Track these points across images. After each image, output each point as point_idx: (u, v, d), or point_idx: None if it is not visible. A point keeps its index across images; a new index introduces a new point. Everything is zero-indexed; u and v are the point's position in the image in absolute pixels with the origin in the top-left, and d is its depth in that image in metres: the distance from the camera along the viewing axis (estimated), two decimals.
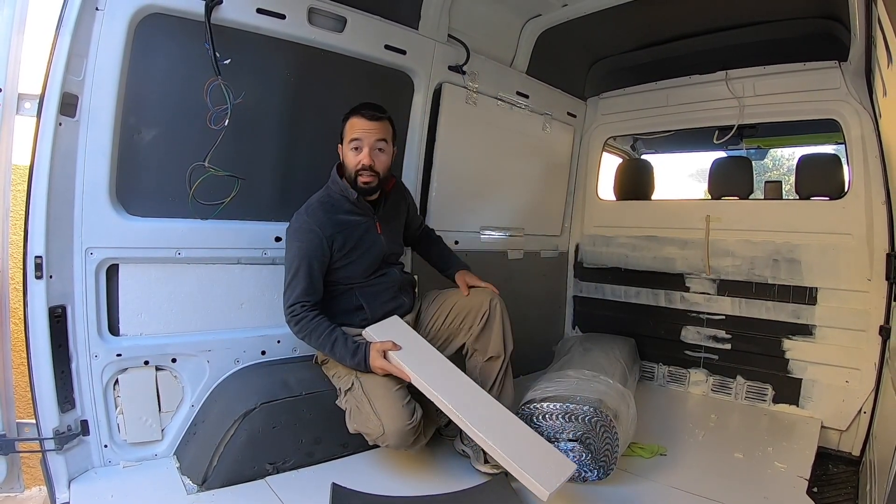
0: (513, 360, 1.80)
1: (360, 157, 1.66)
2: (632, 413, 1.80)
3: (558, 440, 1.65)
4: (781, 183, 3.24)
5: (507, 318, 1.79)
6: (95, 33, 1.41)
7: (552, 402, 1.68)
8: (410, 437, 1.53)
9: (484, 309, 1.77)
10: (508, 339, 1.77)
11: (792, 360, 2.31)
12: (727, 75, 2.50)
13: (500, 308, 1.78)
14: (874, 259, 2.07)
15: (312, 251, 1.63)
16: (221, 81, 1.57)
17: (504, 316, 1.78)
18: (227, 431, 1.54)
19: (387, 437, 1.52)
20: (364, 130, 1.65)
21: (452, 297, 1.85)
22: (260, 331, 1.84)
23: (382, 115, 1.69)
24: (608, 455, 1.62)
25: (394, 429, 1.51)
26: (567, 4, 2.30)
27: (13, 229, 1.46)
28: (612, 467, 1.63)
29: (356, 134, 1.66)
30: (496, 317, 1.77)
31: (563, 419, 1.65)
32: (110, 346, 1.54)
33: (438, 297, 1.88)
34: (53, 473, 1.43)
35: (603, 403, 1.66)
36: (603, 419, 1.63)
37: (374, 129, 1.66)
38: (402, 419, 1.52)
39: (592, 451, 1.62)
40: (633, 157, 3.66)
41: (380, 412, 1.54)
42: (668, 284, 2.70)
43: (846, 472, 1.98)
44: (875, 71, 1.81)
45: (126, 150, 1.54)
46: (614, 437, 1.62)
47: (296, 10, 1.74)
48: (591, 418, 1.63)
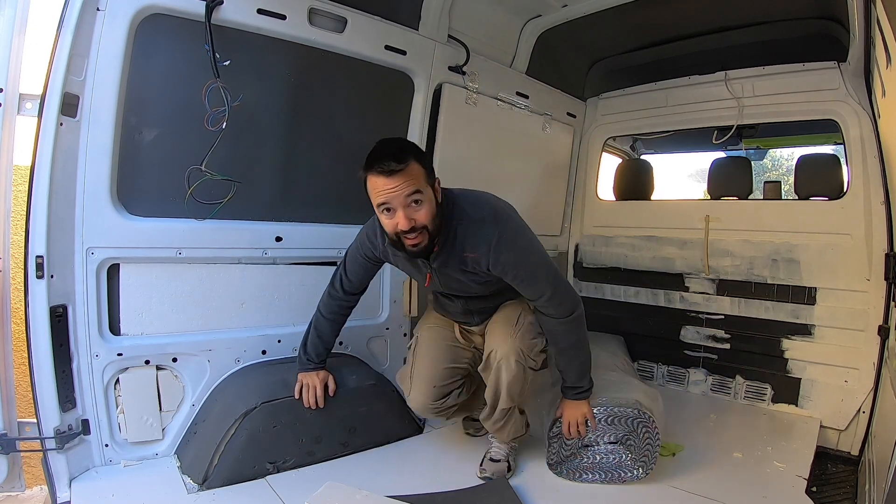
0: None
1: (396, 222, 1.34)
2: (662, 411, 1.80)
3: (597, 444, 1.64)
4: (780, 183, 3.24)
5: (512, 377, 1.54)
6: (96, 34, 1.41)
7: (595, 407, 1.66)
8: (430, 414, 1.68)
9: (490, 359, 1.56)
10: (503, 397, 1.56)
11: (791, 359, 2.31)
12: (726, 76, 2.51)
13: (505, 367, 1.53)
14: (873, 259, 2.08)
15: (355, 255, 1.66)
16: (220, 84, 1.57)
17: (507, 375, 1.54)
18: (228, 431, 1.54)
19: (410, 401, 1.68)
20: (388, 192, 1.31)
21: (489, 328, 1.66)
22: (260, 330, 1.84)
23: (402, 164, 1.31)
24: (649, 454, 1.62)
25: (418, 401, 1.64)
26: (567, 5, 2.30)
27: (14, 229, 1.46)
28: (653, 466, 1.63)
29: (380, 198, 1.33)
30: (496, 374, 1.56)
31: (606, 423, 1.63)
32: (111, 346, 1.54)
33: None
34: (54, 472, 1.43)
35: (641, 403, 1.66)
36: (645, 419, 1.61)
37: (398, 185, 1.31)
38: (428, 397, 1.63)
39: (633, 451, 1.62)
40: (633, 157, 3.66)
41: (414, 378, 1.66)
42: (667, 284, 2.70)
43: (845, 471, 1.98)
44: (874, 72, 1.81)
45: (127, 151, 1.54)
46: (655, 436, 1.62)
47: (296, 11, 1.75)
48: (634, 420, 1.61)
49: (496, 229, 1.43)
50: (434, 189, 1.40)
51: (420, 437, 1.94)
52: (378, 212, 1.39)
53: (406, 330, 2.23)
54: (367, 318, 2.13)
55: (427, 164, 1.39)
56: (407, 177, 1.31)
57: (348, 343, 2.05)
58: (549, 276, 1.51)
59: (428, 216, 1.36)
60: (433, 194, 1.39)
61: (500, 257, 1.43)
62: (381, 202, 1.34)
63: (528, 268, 1.48)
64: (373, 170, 1.32)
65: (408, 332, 2.24)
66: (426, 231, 1.36)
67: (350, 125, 2.03)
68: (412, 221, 1.34)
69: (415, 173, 1.33)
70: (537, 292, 1.51)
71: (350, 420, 1.76)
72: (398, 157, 1.31)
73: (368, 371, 1.97)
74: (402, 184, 1.31)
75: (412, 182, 1.32)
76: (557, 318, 1.53)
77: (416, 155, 1.37)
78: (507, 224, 1.47)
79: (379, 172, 1.31)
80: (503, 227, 1.45)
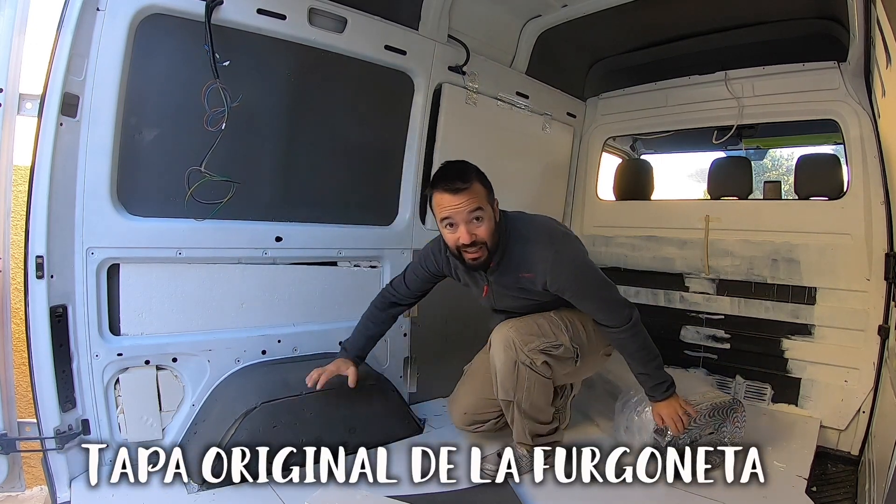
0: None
1: (458, 236, 1.49)
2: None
3: (700, 437, 1.72)
4: (780, 183, 3.23)
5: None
6: (96, 33, 1.41)
7: (698, 405, 1.73)
8: (464, 429, 1.88)
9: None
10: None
11: (791, 359, 2.31)
12: (726, 76, 2.50)
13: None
14: (873, 259, 2.08)
15: (417, 267, 1.78)
16: (220, 84, 1.57)
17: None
18: (228, 431, 1.55)
19: (449, 415, 1.92)
20: (452, 208, 1.46)
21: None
22: (260, 330, 1.84)
23: (466, 184, 1.46)
24: (739, 432, 1.77)
25: (455, 423, 1.90)
26: (567, 5, 2.30)
27: (14, 229, 1.46)
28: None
29: (444, 213, 1.48)
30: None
31: (708, 416, 1.73)
32: (111, 346, 1.54)
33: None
34: (54, 472, 1.44)
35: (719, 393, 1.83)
36: (737, 405, 1.77)
37: (462, 203, 1.45)
38: (461, 422, 1.87)
39: (728, 435, 1.75)
40: (633, 157, 3.66)
41: (452, 403, 1.91)
42: (667, 284, 2.70)
43: (845, 471, 1.98)
44: (874, 72, 1.81)
45: (127, 151, 1.54)
46: (743, 417, 1.77)
47: (296, 11, 1.75)
48: (727, 409, 1.75)
49: (551, 250, 1.56)
50: (493, 208, 1.53)
51: (420, 437, 1.94)
52: (441, 226, 1.53)
53: (406, 330, 2.23)
54: None
55: (488, 185, 1.53)
56: (470, 195, 1.46)
57: None
58: (603, 290, 1.62)
59: (487, 232, 1.49)
60: (493, 213, 1.52)
61: (557, 277, 1.55)
62: (444, 217, 1.49)
63: (583, 286, 1.60)
64: (438, 187, 1.48)
65: (408, 332, 2.24)
66: (485, 247, 1.50)
67: (350, 125, 2.03)
68: (473, 236, 1.47)
69: (477, 192, 1.48)
70: (593, 308, 1.63)
71: (350, 420, 1.76)
72: (463, 177, 1.47)
73: (368, 371, 1.97)
74: (465, 201, 1.45)
75: (475, 200, 1.46)
76: (617, 328, 1.61)
77: (479, 176, 1.52)
78: (562, 245, 1.60)
79: (444, 190, 1.46)
80: (558, 247, 1.58)
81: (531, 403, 1.62)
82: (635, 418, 1.79)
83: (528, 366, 1.58)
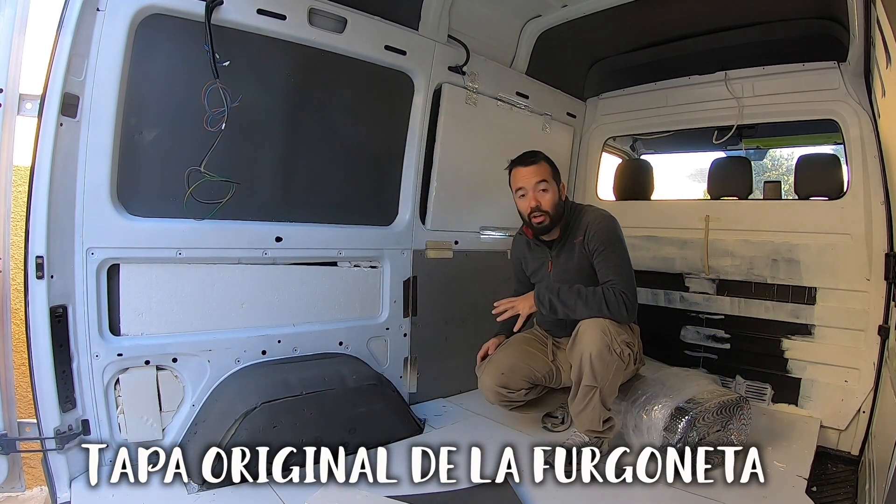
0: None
1: (528, 202, 1.83)
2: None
3: (707, 435, 1.72)
4: (780, 183, 3.23)
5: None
6: (96, 34, 1.41)
7: (706, 403, 1.75)
8: (496, 399, 1.96)
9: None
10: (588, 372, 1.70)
11: (791, 359, 2.31)
12: (726, 76, 2.51)
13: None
14: (873, 259, 2.08)
15: (516, 263, 2.12)
16: (220, 84, 1.57)
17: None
18: (228, 431, 1.55)
19: (480, 383, 1.97)
20: (524, 177, 1.84)
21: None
22: (260, 330, 1.84)
23: (536, 159, 1.85)
24: (745, 429, 1.78)
25: (485, 383, 1.94)
26: (567, 5, 2.30)
27: (14, 230, 1.46)
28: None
29: (519, 183, 1.85)
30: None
31: (715, 414, 1.74)
32: (111, 346, 1.54)
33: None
34: (54, 473, 1.44)
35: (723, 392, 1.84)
36: (742, 402, 1.79)
37: (532, 173, 1.83)
38: (494, 380, 1.91)
39: (734, 432, 1.76)
40: (633, 157, 3.66)
41: (487, 363, 1.95)
42: (667, 284, 2.70)
43: (845, 471, 1.98)
44: (874, 71, 1.81)
45: (127, 151, 1.54)
46: (749, 414, 1.79)
47: (296, 11, 1.75)
48: (733, 406, 1.77)
49: (597, 216, 1.88)
50: (559, 187, 1.87)
51: (420, 437, 1.95)
52: (516, 198, 1.89)
53: (406, 330, 2.24)
54: (367, 318, 2.13)
55: (554, 168, 1.89)
56: (538, 169, 1.84)
57: (348, 343, 2.05)
58: (623, 268, 1.80)
59: (550, 203, 1.83)
60: (557, 190, 1.86)
61: (595, 234, 1.82)
62: (518, 187, 1.86)
63: (608, 250, 1.81)
64: (515, 163, 1.88)
65: (408, 332, 2.24)
66: (548, 215, 1.83)
67: (350, 125, 2.03)
68: (538, 202, 1.82)
69: (544, 168, 1.85)
70: (608, 274, 1.79)
71: (350, 420, 1.76)
72: (534, 157, 1.86)
73: (368, 371, 1.97)
74: (534, 173, 1.83)
75: (541, 173, 1.84)
76: (613, 287, 1.75)
77: (546, 158, 1.89)
78: (607, 218, 1.88)
79: (519, 164, 1.87)
80: (603, 215, 1.88)
81: (612, 390, 1.74)
82: (644, 417, 1.80)
83: (619, 354, 1.69)
